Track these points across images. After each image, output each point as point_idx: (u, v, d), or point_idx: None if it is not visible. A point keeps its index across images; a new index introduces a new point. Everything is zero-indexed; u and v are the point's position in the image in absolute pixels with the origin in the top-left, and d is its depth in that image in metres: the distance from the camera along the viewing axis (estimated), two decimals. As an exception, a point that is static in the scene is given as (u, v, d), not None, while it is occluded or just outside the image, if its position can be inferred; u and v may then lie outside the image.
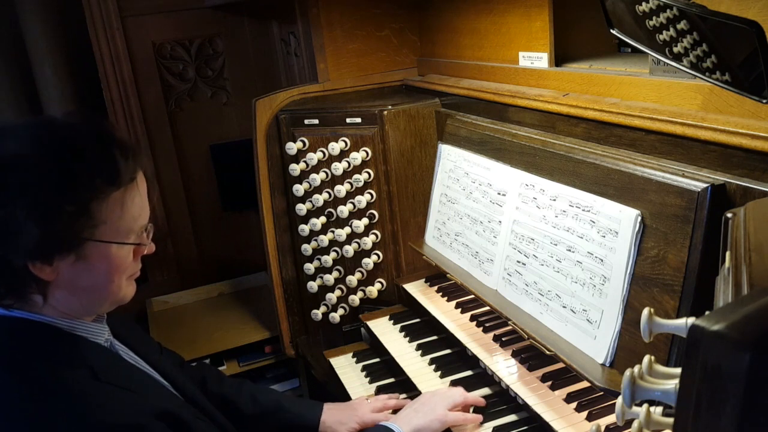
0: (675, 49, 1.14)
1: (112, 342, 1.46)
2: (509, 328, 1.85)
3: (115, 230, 1.31)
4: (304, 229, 2.49)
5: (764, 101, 1.02)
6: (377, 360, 2.23)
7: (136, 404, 1.32)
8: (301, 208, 2.48)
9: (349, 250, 2.41)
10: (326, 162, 2.41)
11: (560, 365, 1.67)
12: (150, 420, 1.30)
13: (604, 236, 1.49)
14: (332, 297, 2.51)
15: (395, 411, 1.89)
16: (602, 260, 1.48)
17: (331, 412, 1.88)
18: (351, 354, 2.30)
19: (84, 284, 1.32)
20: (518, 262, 1.78)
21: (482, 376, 1.88)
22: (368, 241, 2.40)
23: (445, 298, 2.18)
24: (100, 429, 1.24)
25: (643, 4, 1.14)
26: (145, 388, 1.43)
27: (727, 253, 0.83)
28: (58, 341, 1.33)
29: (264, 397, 1.90)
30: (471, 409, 1.77)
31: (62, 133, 1.31)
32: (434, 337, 2.13)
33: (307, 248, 2.53)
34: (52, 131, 1.31)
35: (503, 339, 1.86)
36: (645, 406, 0.75)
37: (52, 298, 1.31)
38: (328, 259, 2.48)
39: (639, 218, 1.40)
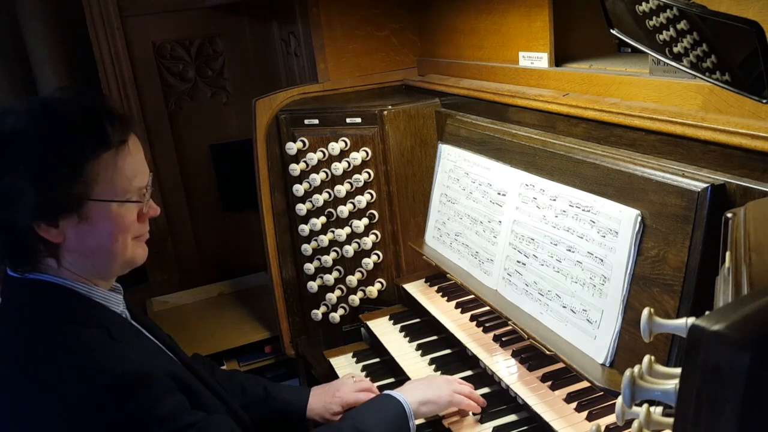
0: (675, 49, 1.14)
1: (127, 315, 1.54)
2: (509, 328, 1.85)
3: (112, 189, 1.39)
4: (304, 229, 2.49)
5: (764, 101, 1.02)
6: (377, 360, 2.23)
7: (147, 359, 1.41)
8: (301, 208, 2.48)
9: (349, 250, 2.41)
10: (326, 162, 2.41)
11: (560, 365, 1.67)
12: (159, 373, 1.38)
13: (604, 236, 1.49)
14: (332, 297, 2.51)
15: None
16: (602, 260, 1.48)
17: (317, 398, 1.92)
18: (351, 354, 2.30)
19: (90, 245, 1.40)
20: (518, 262, 1.78)
21: (482, 376, 1.88)
22: (368, 241, 2.40)
23: (445, 298, 2.18)
24: (109, 377, 1.31)
25: (643, 4, 1.14)
26: (157, 354, 1.52)
27: (727, 253, 0.83)
28: (75, 302, 1.42)
29: (252, 387, 1.93)
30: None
31: (53, 106, 1.41)
32: (434, 337, 2.13)
33: (307, 248, 2.53)
34: (44, 106, 1.41)
35: (503, 339, 1.86)
36: (645, 406, 0.75)
37: (65, 261, 1.40)
38: (328, 259, 2.48)
39: (639, 218, 1.40)
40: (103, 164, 1.37)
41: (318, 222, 2.46)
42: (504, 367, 1.78)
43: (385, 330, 2.24)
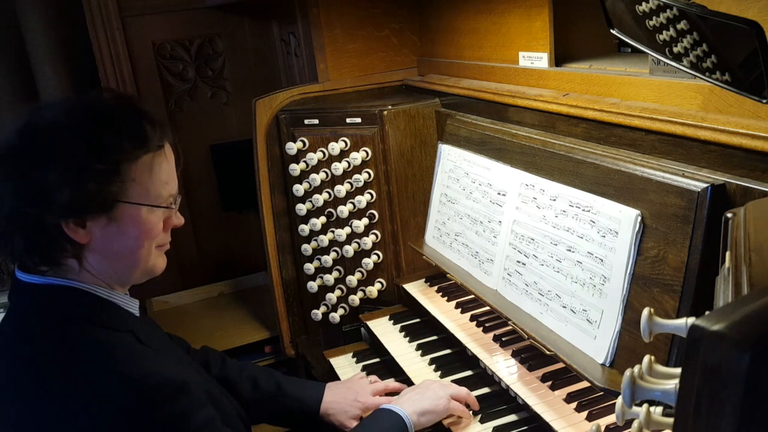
0: (675, 49, 1.14)
1: (145, 321, 1.53)
2: (509, 328, 1.85)
3: (145, 193, 1.38)
4: (304, 229, 2.50)
5: (764, 101, 1.02)
6: (377, 360, 2.23)
7: (179, 365, 1.40)
8: (301, 208, 2.48)
9: (349, 250, 2.41)
10: (326, 162, 2.41)
11: (560, 365, 1.67)
12: (193, 380, 1.36)
13: (604, 236, 1.49)
14: (332, 297, 2.51)
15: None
16: (602, 260, 1.48)
17: (333, 398, 1.89)
18: (351, 354, 2.30)
19: (116, 248, 1.38)
20: (518, 262, 1.78)
21: (482, 376, 1.88)
22: (368, 241, 2.40)
23: (445, 298, 2.18)
24: (148, 381, 1.29)
25: (643, 4, 1.14)
26: (181, 361, 1.50)
27: (727, 253, 0.83)
28: (98, 305, 1.39)
29: (265, 382, 1.91)
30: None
31: (93, 103, 1.42)
32: (434, 337, 2.13)
33: (307, 248, 2.53)
34: (84, 104, 1.41)
35: (503, 339, 1.86)
36: (645, 406, 0.75)
37: (87, 263, 1.37)
38: (328, 259, 2.48)
39: (639, 218, 1.40)
40: (140, 166, 1.36)
41: (318, 222, 2.46)
42: (504, 367, 1.78)
43: (385, 330, 2.24)
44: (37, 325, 1.36)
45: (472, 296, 2.02)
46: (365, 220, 2.39)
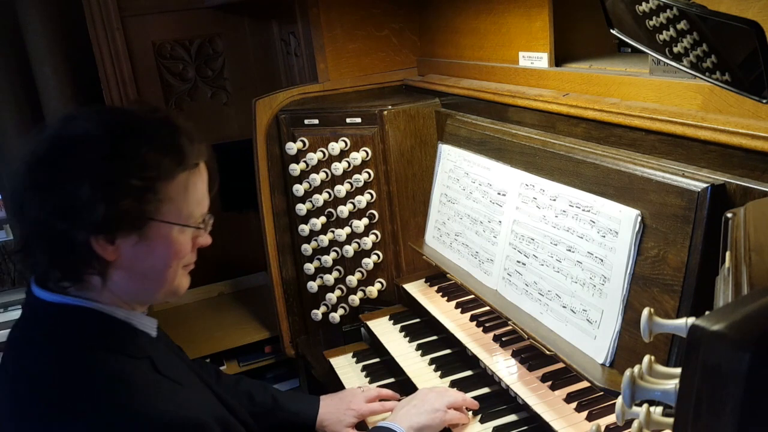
0: (675, 49, 1.14)
1: (160, 338, 1.48)
2: (509, 328, 1.85)
3: (178, 212, 1.33)
4: (304, 229, 2.50)
5: (764, 101, 1.02)
6: (377, 360, 2.23)
7: (196, 401, 1.34)
8: (301, 208, 2.48)
9: (349, 250, 2.41)
10: (326, 162, 2.41)
11: (560, 365, 1.67)
12: (209, 419, 1.31)
13: (604, 236, 1.49)
14: (332, 297, 2.51)
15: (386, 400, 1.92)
16: (602, 260, 1.48)
17: (327, 409, 1.89)
18: (351, 354, 2.30)
19: (143, 267, 1.33)
20: (518, 262, 1.78)
21: (482, 376, 1.88)
22: (368, 241, 2.40)
23: (445, 298, 2.18)
24: (163, 421, 1.24)
25: (643, 4, 1.14)
26: (197, 389, 1.44)
27: (727, 253, 0.83)
28: (116, 330, 1.34)
29: (260, 396, 1.90)
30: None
31: (130, 116, 1.35)
32: (434, 337, 2.13)
33: (307, 248, 2.53)
34: (120, 114, 1.37)
35: (503, 339, 1.86)
36: (645, 406, 0.75)
37: (111, 282, 1.31)
38: (328, 259, 2.48)
39: (639, 218, 1.40)
40: (176, 185, 1.31)
41: (318, 222, 2.46)
42: (504, 367, 1.78)
43: (385, 330, 2.24)
44: (49, 351, 1.29)
45: (472, 296, 2.02)
46: (365, 220, 2.39)
